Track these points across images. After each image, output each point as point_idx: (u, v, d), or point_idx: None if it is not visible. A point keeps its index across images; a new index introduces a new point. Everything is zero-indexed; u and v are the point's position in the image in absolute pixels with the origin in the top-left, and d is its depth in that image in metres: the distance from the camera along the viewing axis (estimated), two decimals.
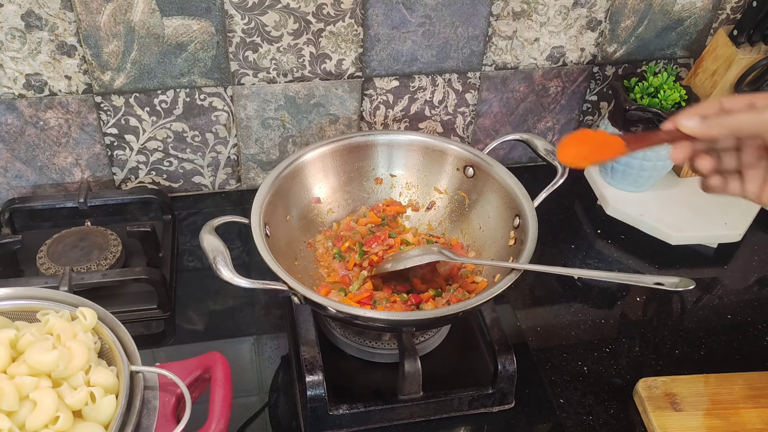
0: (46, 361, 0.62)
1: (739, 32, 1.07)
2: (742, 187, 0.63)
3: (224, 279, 0.76)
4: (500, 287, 0.78)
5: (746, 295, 1.04)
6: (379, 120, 1.15)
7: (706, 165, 0.62)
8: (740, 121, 0.58)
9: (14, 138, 1.03)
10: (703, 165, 0.63)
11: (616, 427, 0.85)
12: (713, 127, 0.59)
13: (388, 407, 0.82)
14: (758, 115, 0.58)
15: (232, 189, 1.18)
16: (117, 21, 0.96)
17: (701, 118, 0.60)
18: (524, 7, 1.08)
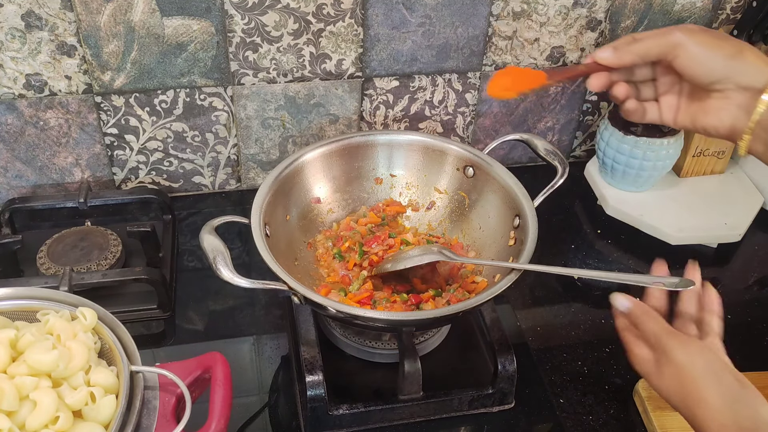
0: (46, 361, 0.62)
1: (739, 32, 1.07)
2: (659, 114, 0.69)
3: (224, 279, 0.76)
4: (500, 287, 0.78)
5: (746, 295, 1.04)
6: (379, 120, 1.15)
7: (621, 91, 0.68)
8: (647, 46, 0.64)
9: (14, 138, 1.03)
10: (619, 91, 0.69)
11: (616, 427, 0.85)
12: (624, 54, 0.65)
13: (388, 407, 0.82)
14: (661, 38, 0.63)
15: (232, 189, 1.18)
16: (117, 21, 0.96)
17: (614, 49, 0.66)
18: (524, 7, 1.08)
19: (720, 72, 0.61)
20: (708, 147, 1.17)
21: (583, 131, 1.25)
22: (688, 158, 1.16)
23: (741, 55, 0.61)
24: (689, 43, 0.62)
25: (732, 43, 0.62)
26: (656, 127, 1.07)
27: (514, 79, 0.74)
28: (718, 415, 0.58)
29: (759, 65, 0.60)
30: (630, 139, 1.08)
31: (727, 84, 0.62)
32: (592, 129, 1.25)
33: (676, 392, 0.62)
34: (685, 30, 0.63)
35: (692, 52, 0.62)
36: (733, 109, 0.62)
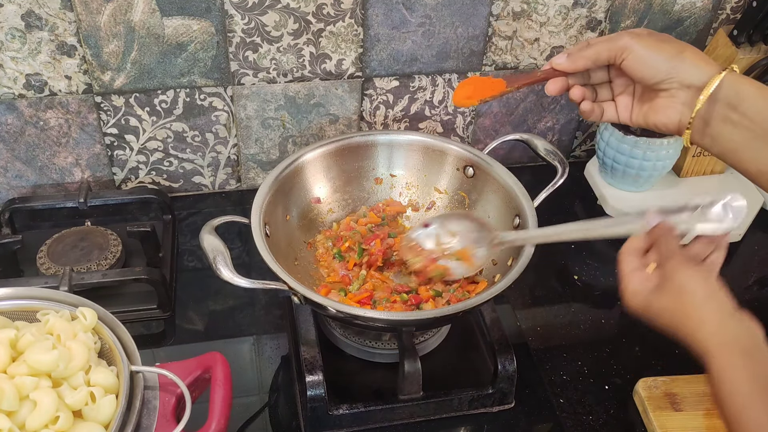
0: (46, 361, 0.62)
1: (739, 32, 1.07)
2: (616, 113, 0.73)
3: (224, 279, 0.76)
4: (500, 287, 0.78)
5: (746, 295, 1.04)
6: (379, 120, 1.15)
7: (577, 94, 0.73)
8: (597, 51, 0.68)
9: (14, 138, 1.03)
10: (575, 94, 0.73)
11: (616, 427, 0.85)
12: (577, 59, 0.70)
13: (388, 407, 0.82)
14: (610, 42, 0.67)
15: (232, 189, 1.18)
16: (117, 21, 0.96)
17: (568, 55, 0.70)
18: (524, 7, 1.08)
19: (664, 72, 0.65)
20: None
21: (583, 131, 1.25)
22: (688, 158, 1.16)
23: (682, 55, 0.65)
24: (635, 47, 0.66)
25: (674, 45, 0.66)
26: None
27: (475, 87, 0.77)
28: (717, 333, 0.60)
29: (699, 64, 0.64)
30: (630, 139, 1.08)
31: (672, 83, 0.66)
32: (592, 129, 1.25)
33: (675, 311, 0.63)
34: (632, 34, 0.67)
35: (638, 55, 0.66)
36: (678, 107, 0.66)
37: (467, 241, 0.86)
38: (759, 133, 0.62)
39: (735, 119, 0.63)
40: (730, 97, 0.63)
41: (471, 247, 0.86)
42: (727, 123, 0.64)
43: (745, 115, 0.62)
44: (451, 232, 0.87)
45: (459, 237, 0.86)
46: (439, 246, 0.87)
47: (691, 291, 0.62)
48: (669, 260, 0.64)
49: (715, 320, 0.61)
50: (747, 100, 0.62)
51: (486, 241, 0.86)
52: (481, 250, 0.86)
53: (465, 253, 0.86)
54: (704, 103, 0.64)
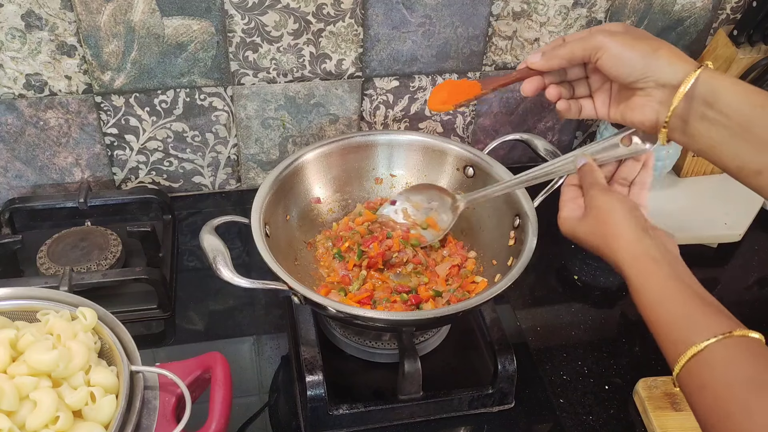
0: (46, 361, 0.62)
1: (739, 32, 1.07)
2: (594, 110, 0.73)
3: (224, 279, 0.76)
4: (500, 287, 0.78)
5: (746, 295, 1.04)
6: (379, 120, 1.15)
7: (553, 93, 0.73)
8: (571, 49, 0.68)
9: (14, 138, 1.03)
10: (550, 93, 0.73)
11: (616, 427, 0.85)
12: (552, 59, 0.69)
13: (388, 407, 0.82)
14: (585, 41, 0.67)
15: (232, 189, 1.18)
16: (117, 21, 0.96)
17: (542, 54, 0.70)
18: (524, 7, 1.08)
19: (639, 71, 0.65)
20: None
21: (583, 131, 1.25)
22: (688, 158, 1.16)
23: (657, 53, 0.64)
24: (610, 45, 0.65)
25: (649, 43, 0.65)
26: None
27: (450, 92, 0.77)
28: (631, 246, 0.64)
29: (674, 62, 0.64)
30: None
31: (647, 82, 0.65)
32: (592, 129, 1.25)
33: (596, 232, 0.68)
34: (606, 32, 0.67)
35: (612, 53, 0.65)
36: (655, 105, 0.66)
37: (429, 210, 0.94)
38: (736, 129, 0.62)
39: (712, 116, 0.63)
40: (706, 94, 0.62)
41: (435, 214, 0.94)
42: (704, 120, 0.63)
43: (722, 112, 0.62)
44: (415, 205, 0.95)
45: (423, 208, 0.95)
46: (408, 219, 0.95)
47: (608, 211, 0.67)
48: (590, 190, 0.70)
49: (630, 236, 0.65)
50: (723, 97, 0.62)
51: (447, 206, 0.93)
52: (444, 215, 0.93)
53: (431, 220, 0.94)
54: (681, 101, 0.63)
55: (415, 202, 0.95)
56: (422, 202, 0.95)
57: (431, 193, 0.95)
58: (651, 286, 0.62)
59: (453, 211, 0.92)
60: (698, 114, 0.63)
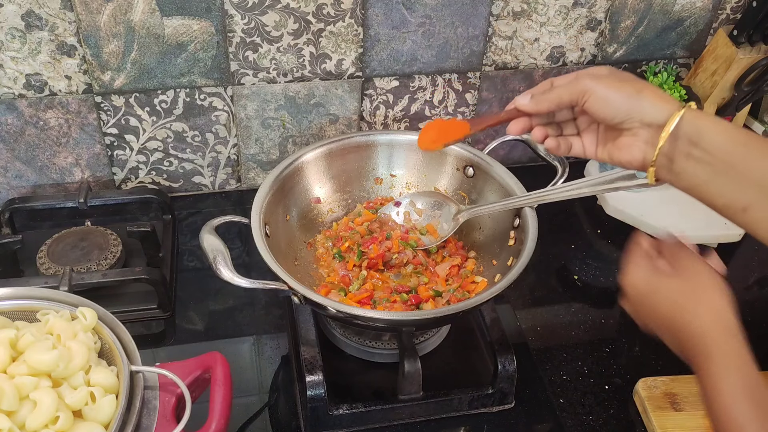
0: (46, 361, 0.62)
1: (739, 32, 1.07)
2: (583, 149, 0.74)
3: (224, 279, 0.76)
4: (500, 287, 0.78)
5: (746, 295, 1.04)
6: (379, 120, 1.15)
7: (538, 135, 0.74)
8: (559, 94, 0.69)
9: (14, 138, 1.03)
10: (536, 135, 0.74)
11: (616, 427, 0.85)
12: (541, 103, 0.71)
13: (388, 407, 0.82)
14: (572, 86, 0.68)
15: (232, 189, 1.18)
16: (117, 21, 0.96)
17: (532, 97, 0.71)
18: (524, 7, 1.08)
19: (624, 112, 0.66)
20: None
21: None
22: None
23: (640, 95, 0.66)
24: (595, 89, 0.67)
25: (633, 84, 0.67)
26: None
27: (439, 132, 0.79)
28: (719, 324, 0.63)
29: (657, 103, 0.65)
30: None
31: (633, 123, 0.67)
32: None
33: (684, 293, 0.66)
34: (592, 76, 0.68)
35: (598, 96, 0.67)
36: (641, 145, 0.67)
37: (432, 218, 0.96)
38: (721, 167, 0.63)
39: (697, 155, 0.64)
40: (690, 134, 0.64)
41: (435, 222, 0.95)
42: (690, 159, 0.65)
43: (706, 150, 0.63)
44: (418, 210, 0.96)
45: (425, 214, 0.96)
46: (408, 222, 0.96)
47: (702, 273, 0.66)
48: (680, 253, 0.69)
49: (720, 311, 0.63)
50: (707, 136, 0.63)
51: (449, 215, 0.94)
52: (444, 224, 0.94)
53: (431, 227, 0.95)
54: (666, 141, 0.65)
55: (418, 208, 0.96)
56: (425, 209, 0.96)
57: (436, 201, 0.96)
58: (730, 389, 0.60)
59: (454, 221, 0.93)
60: (683, 153, 0.65)
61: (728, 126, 0.64)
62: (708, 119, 0.64)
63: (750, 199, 0.62)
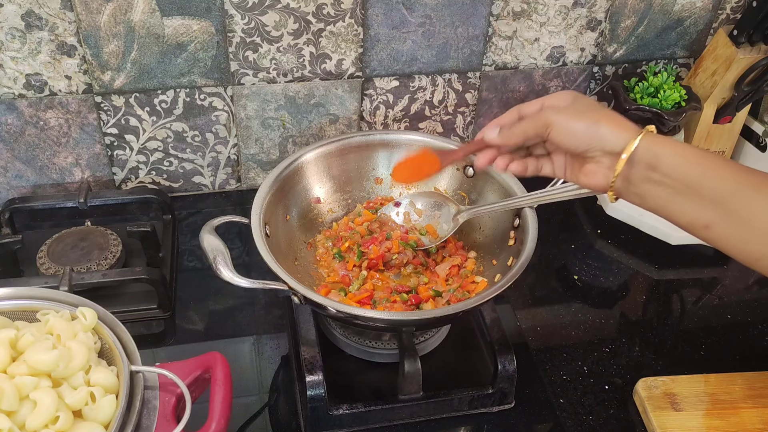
0: (46, 360, 0.62)
1: (739, 32, 1.07)
2: (552, 169, 0.76)
3: (224, 279, 0.76)
4: (500, 287, 0.78)
5: (746, 295, 1.04)
6: (379, 120, 1.15)
7: (501, 165, 0.77)
8: (524, 128, 0.72)
9: (14, 138, 1.03)
10: (498, 165, 0.77)
11: (616, 427, 0.85)
12: (508, 138, 0.74)
13: (388, 407, 0.82)
14: (535, 120, 0.71)
15: (232, 189, 1.18)
16: (117, 21, 0.96)
17: (499, 131, 0.75)
18: (524, 7, 1.08)
19: (585, 143, 0.69)
20: (708, 147, 1.17)
21: None
22: None
23: (598, 125, 0.68)
24: (556, 122, 0.70)
25: (591, 115, 0.69)
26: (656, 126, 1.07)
27: (412, 170, 0.84)
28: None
29: (615, 131, 0.68)
30: None
31: (594, 151, 0.69)
32: None
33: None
34: (553, 109, 0.72)
35: (559, 129, 0.70)
36: (604, 171, 0.70)
37: (431, 218, 0.96)
38: (680, 189, 0.65)
39: (656, 179, 0.66)
40: (648, 159, 0.66)
41: (435, 222, 0.96)
42: (650, 183, 0.67)
43: (665, 173, 0.66)
44: (417, 211, 0.97)
45: (425, 215, 0.97)
46: (408, 223, 0.97)
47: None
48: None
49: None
50: (665, 160, 0.66)
51: (449, 216, 0.94)
52: (444, 224, 0.94)
53: (430, 227, 0.96)
54: (624, 167, 0.68)
55: (418, 208, 0.96)
56: (425, 209, 0.96)
57: (436, 202, 0.96)
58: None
59: (454, 221, 0.93)
60: (643, 177, 0.67)
61: (685, 149, 0.67)
62: (665, 143, 0.67)
63: (710, 218, 0.65)
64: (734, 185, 0.64)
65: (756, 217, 0.63)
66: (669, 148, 0.66)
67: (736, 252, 0.66)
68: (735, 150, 1.22)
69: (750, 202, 0.63)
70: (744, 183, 0.63)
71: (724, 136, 1.17)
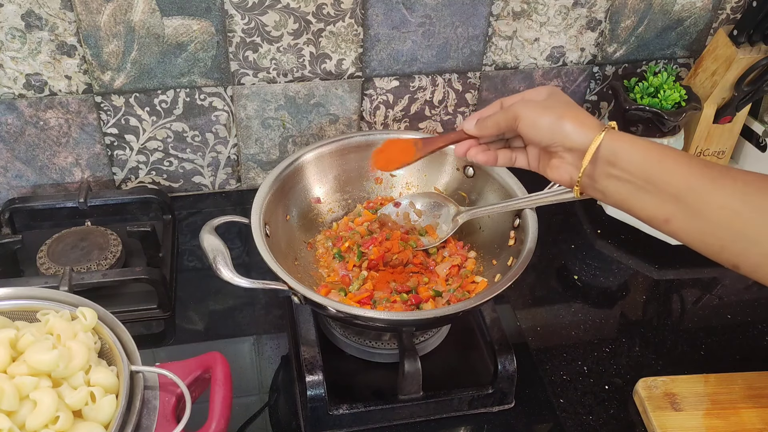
0: (46, 360, 0.62)
1: (739, 32, 1.07)
2: (527, 161, 0.78)
3: (224, 279, 0.76)
4: (500, 287, 0.78)
5: (746, 295, 1.04)
6: (379, 120, 1.15)
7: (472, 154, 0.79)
8: (496, 121, 0.75)
9: (14, 138, 1.03)
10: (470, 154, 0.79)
11: (616, 427, 0.85)
12: (483, 129, 0.77)
13: (388, 407, 0.82)
14: (507, 113, 0.74)
15: (232, 189, 1.18)
16: (117, 21, 0.96)
17: (477, 122, 0.77)
18: (524, 7, 1.08)
19: (549, 138, 0.71)
20: (708, 147, 1.17)
21: None
22: None
23: (561, 121, 0.70)
24: (523, 115, 0.72)
25: (555, 111, 0.71)
26: (656, 126, 1.07)
27: (388, 156, 0.85)
28: None
29: (578, 128, 0.69)
30: None
31: (557, 147, 0.71)
32: None
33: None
34: (522, 102, 0.74)
35: (526, 123, 0.72)
36: (567, 167, 0.72)
37: (431, 219, 0.97)
38: (639, 184, 0.67)
39: (616, 174, 0.68)
40: (608, 155, 0.67)
41: (435, 223, 0.96)
42: (610, 178, 0.68)
43: (625, 169, 0.67)
44: (417, 211, 0.97)
45: (424, 215, 0.97)
46: (408, 223, 0.97)
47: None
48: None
49: None
50: (624, 156, 0.67)
51: (449, 217, 0.95)
52: (444, 225, 0.95)
53: (430, 228, 0.96)
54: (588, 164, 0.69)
55: (417, 209, 0.97)
56: (425, 210, 0.97)
57: (436, 202, 0.97)
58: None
59: (453, 222, 0.94)
60: (604, 173, 0.69)
61: (645, 144, 0.67)
62: (624, 139, 0.68)
63: (669, 212, 0.66)
64: (691, 179, 0.64)
65: (713, 209, 0.63)
66: (627, 144, 0.67)
67: (697, 244, 0.66)
68: (735, 150, 1.22)
69: (707, 195, 0.63)
70: (700, 177, 0.64)
71: (724, 136, 1.18)
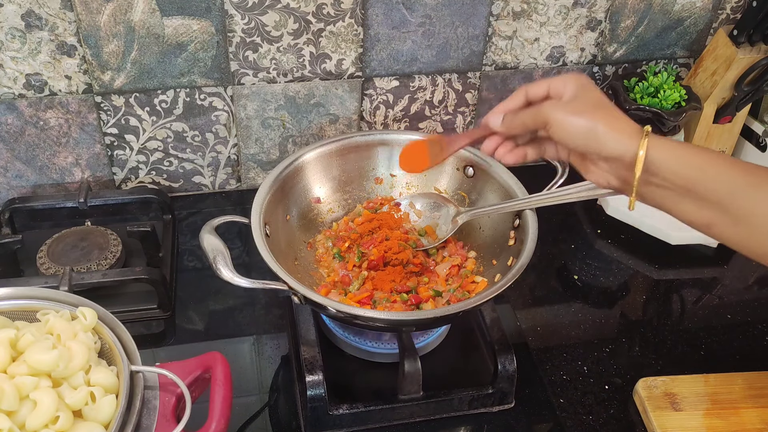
0: (46, 360, 0.62)
1: (739, 32, 1.07)
2: (556, 153, 0.76)
3: (224, 279, 0.76)
4: (500, 287, 0.78)
5: (746, 295, 1.04)
6: (379, 120, 1.15)
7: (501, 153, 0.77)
8: (523, 121, 0.72)
9: (14, 138, 1.03)
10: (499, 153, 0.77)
11: (616, 427, 0.85)
12: (510, 127, 0.74)
13: (388, 407, 0.82)
14: (535, 114, 0.71)
15: (232, 189, 1.18)
16: (117, 21, 0.96)
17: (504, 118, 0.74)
18: (524, 7, 1.08)
19: (582, 146, 0.68)
20: (708, 146, 1.17)
21: None
22: None
23: (594, 129, 0.67)
24: (553, 120, 0.69)
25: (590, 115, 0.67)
26: (656, 126, 1.07)
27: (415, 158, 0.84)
28: None
29: (614, 137, 0.66)
30: None
31: (592, 155, 0.69)
32: None
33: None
34: (552, 105, 0.70)
35: (557, 127, 0.69)
36: (603, 173, 0.70)
37: (430, 219, 0.97)
38: (680, 191, 0.66)
39: (656, 182, 0.67)
40: (647, 165, 0.66)
41: (434, 224, 0.96)
42: (650, 185, 0.67)
43: (665, 178, 0.66)
44: (417, 212, 0.97)
45: (424, 216, 0.97)
46: (408, 223, 0.97)
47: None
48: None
49: None
50: (664, 165, 0.65)
51: (449, 218, 0.95)
52: (443, 226, 0.95)
53: (430, 228, 0.96)
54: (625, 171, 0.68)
55: (417, 209, 0.97)
56: (425, 210, 0.97)
57: (435, 203, 0.97)
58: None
59: (453, 223, 0.94)
60: (643, 181, 0.67)
61: (685, 151, 0.66)
62: (664, 147, 0.66)
63: (711, 218, 0.65)
64: (732, 186, 0.64)
65: (756, 217, 0.63)
66: (668, 153, 0.65)
67: (740, 248, 0.66)
68: (735, 150, 1.22)
69: (748, 201, 0.63)
70: (743, 184, 0.63)
71: (724, 136, 1.18)
